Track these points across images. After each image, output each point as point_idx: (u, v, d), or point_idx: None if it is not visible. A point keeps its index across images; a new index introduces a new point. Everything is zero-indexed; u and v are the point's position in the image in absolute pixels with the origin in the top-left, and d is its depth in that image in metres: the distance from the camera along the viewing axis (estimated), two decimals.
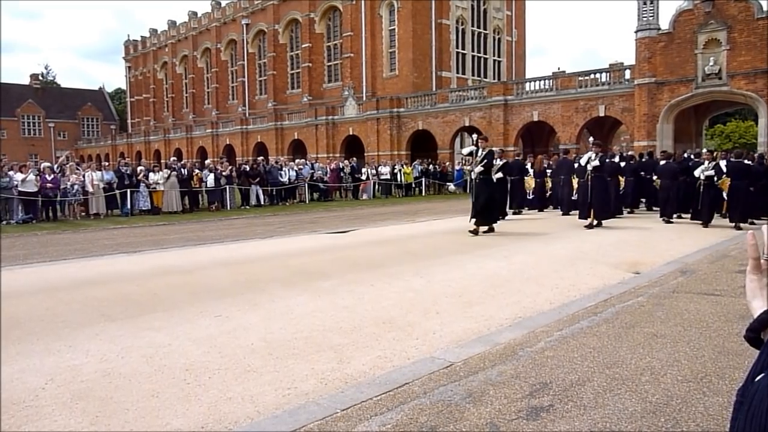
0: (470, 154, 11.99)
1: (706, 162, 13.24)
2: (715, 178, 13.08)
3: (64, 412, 3.32)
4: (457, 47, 43.14)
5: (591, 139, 12.92)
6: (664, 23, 23.98)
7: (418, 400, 3.36)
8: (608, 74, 27.27)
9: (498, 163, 13.33)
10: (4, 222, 15.88)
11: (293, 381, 3.75)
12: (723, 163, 13.58)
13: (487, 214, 11.65)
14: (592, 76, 27.72)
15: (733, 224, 12.77)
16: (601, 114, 27.01)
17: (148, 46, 68.08)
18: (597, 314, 5.24)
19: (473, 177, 11.73)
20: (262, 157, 28.50)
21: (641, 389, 3.48)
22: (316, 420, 3.10)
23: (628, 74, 26.08)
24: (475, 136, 12.37)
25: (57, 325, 5.17)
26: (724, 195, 13.36)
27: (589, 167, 12.51)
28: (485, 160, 11.52)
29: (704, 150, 14.13)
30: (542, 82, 30.04)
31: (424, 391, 3.49)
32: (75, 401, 3.47)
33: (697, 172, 13.23)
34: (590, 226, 12.44)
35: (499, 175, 13.49)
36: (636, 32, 24.41)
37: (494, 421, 3.06)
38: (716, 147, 40.79)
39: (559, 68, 37.43)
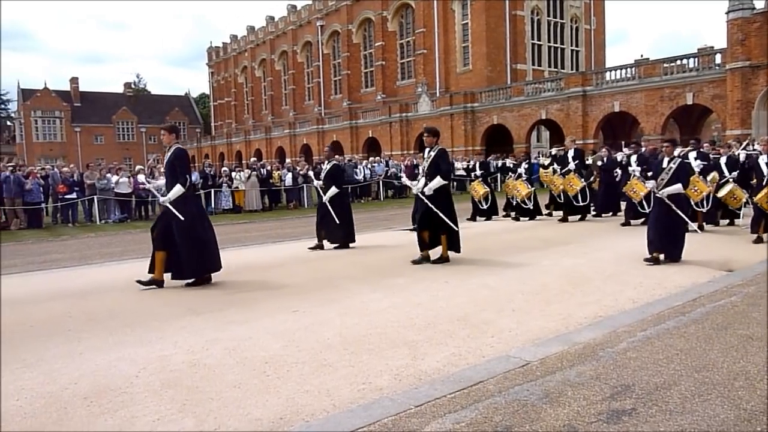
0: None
1: (666, 159, 7.93)
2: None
3: (154, 398, 3.54)
4: (533, 38, 42.03)
5: (424, 126, 10.24)
6: (759, 2, 22.31)
7: (492, 398, 3.32)
8: (696, 59, 25.69)
9: (326, 167, 10.02)
10: (103, 221, 17.10)
11: (368, 376, 3.80)
12: (692, 156, 9.48)
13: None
14: (678, 62, 26.21)
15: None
16: (689, 102, 25.50)
17: (229, 51, 71.17)
18: (685, 314, 4.96)
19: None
20: (337, 156, 29.04)
21: (734, 395, 3.26)
22: (389, 415, 3.13)
23: (718, 59, 24.47)
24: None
25: (148, 318, 5.52)
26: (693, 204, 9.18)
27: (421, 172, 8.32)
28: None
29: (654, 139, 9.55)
30: (623, 70, 28.74)
31: (499, 390, 3.43)
32: (165, 389, 3.69)
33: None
34: (418, 262, 7.93)
35: (321, 184, 9.82)
36: (728, 13, 22.84)
37: (572, 423, 2.97)
38: None
39: (642, 55, 35.60)
